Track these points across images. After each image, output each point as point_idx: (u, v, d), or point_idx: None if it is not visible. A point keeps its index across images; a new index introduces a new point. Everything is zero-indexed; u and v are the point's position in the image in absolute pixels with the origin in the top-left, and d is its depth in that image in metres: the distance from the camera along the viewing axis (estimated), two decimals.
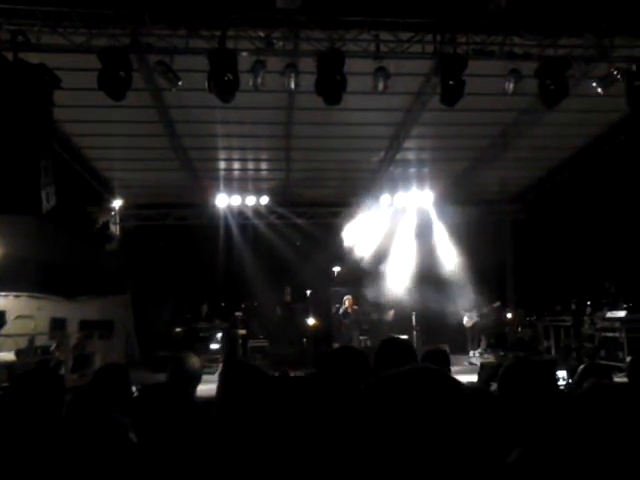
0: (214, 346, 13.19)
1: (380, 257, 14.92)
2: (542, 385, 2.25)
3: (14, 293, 11.90)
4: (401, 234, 15.14)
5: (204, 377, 3.70)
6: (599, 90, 8.60)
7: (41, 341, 10.68)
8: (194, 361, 3.66)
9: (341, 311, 14.03)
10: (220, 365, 9.54)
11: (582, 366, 4.00)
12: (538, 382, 2.27)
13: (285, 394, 2.49)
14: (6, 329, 10.46)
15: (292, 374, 7.42)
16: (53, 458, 1.60)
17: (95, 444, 1.63)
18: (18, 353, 9.67)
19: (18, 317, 11.34)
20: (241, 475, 2.05)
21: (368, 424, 0.97)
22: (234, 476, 2.05)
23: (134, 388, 3.11)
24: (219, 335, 13.35)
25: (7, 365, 8.98)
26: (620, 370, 8.64)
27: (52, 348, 10.49)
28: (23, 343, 10.18)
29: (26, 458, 1.92)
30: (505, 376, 2.29)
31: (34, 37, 7.48)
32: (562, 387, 6.32)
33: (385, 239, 15.03)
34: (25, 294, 12.06)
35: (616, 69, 8.32)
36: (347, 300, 14.07)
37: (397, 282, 14.40)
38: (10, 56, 7.59)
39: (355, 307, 13.97)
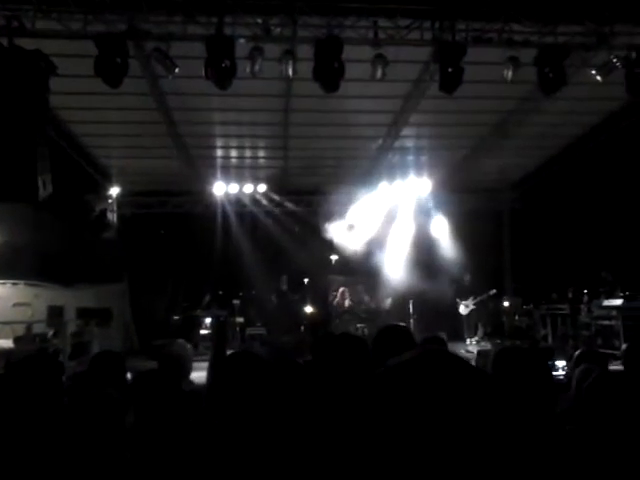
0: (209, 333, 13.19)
1: (377, 245, 14.90)
2: (535, 372, 2.25)
3: (11, 281, 11.92)
4: (398, 222, 15.11)
5: (198, 364, 3.68)
6: (598, 78, 8.55)
7: (39, 329, 10.69)
8: (183, 349, 3.64)
9: (334, 303, 14.14)
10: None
11: (577, 352, 4.01)
12: (531, 368, 2.26)
13: (281, 381, 2.48)
14: (3, 316, 10.48)
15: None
16: (54, 439, 1.60)
17: (94, 418, 1.63)
18: (16, 340, 9.70)
19: (16, 305, 11.35)
20: (232, 461, 2.05)
21: (388, 409, 0.97)
22: (224, 462, 2.05)
23: (129, 375, 3.12)
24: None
25: (5, 352, 8.99)
26: (616, 358, 8.67)
27: (50, 335, 10.51)
28: (21, 331, 10.20)
29: (26, 441, 1.92)
30: (497, 362, 2.29)
31: (29, 22, 7.40)
32: (561, 376, 6.38)
33: (383, 227, 15.01)
34: (22, 282, 12.07)
35: (616, 57, 8.27)
36: (340, 292, 14.18)
37: (394, 270, 14.40)
38: (5, 42, 7.52)
39: (349, 300, 14.08)
